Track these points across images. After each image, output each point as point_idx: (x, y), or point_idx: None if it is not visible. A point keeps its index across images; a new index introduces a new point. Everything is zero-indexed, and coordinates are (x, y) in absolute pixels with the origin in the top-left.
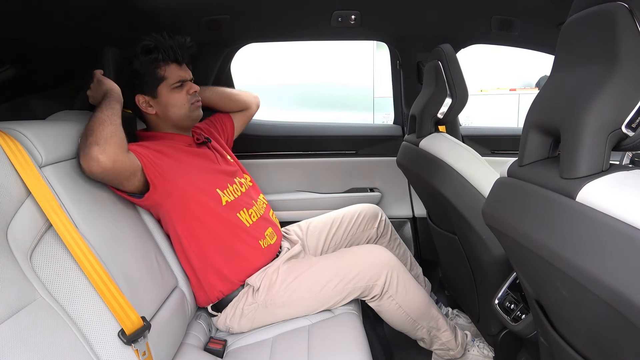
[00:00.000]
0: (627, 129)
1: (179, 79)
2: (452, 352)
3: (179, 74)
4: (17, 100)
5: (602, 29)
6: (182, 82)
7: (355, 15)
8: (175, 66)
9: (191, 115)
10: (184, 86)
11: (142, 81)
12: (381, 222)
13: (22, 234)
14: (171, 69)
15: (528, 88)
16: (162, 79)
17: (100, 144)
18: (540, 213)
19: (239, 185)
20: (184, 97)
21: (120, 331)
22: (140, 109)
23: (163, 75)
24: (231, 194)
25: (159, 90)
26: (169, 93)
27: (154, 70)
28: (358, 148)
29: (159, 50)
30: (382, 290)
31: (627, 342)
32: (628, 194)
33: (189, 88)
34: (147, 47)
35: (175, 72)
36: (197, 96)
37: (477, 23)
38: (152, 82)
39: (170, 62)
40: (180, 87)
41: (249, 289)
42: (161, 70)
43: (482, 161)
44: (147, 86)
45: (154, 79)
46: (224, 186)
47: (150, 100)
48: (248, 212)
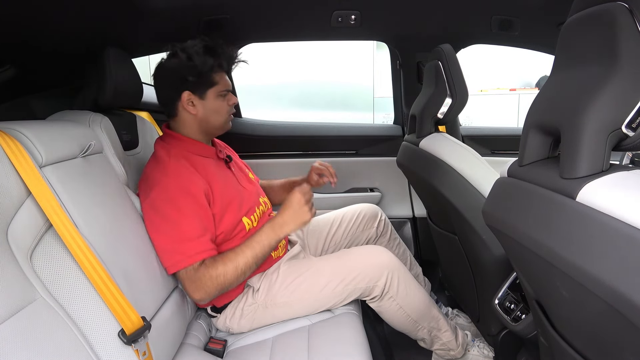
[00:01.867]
0: (627, 129)
1: (226, 88)
2: (452, 352)
3: (226, 84)
4: (17, 100)
5: (602, 29)
6: (227, 91)
7: (355, 15)
8: (224, 74)
9: (225, 125)
10: (226, 96)
11: (198, 80)
12: (381, 222)
13: (22, 234)
14: (223, 76)
15: (528, 88)
16: (214, 83)
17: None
18: (540, 213)
19: (263, 205)
20: (226, 107)
21: (121, 331)
22: (180, 106)
23: (216, 80)
24: (256, 218)
25: (208, 93)
26: (215, 99)
27: (211, 74)
28: (358, 148)
29: (220, 55)
30: (383, 291)
31: (627, 342)
32: (628, 194)
33: (229, 99)
34: (211, 50)
35: (225, 80)
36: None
37: (477, 23)
38: (205, 83)
39: (223, 70)
40: (224, 96)
41: (249, 290)
42: (216, 76)
43: (482, 161)
44: (199, 86)
45: (208, 82)
46: (252, 211)
47: (195, 100)
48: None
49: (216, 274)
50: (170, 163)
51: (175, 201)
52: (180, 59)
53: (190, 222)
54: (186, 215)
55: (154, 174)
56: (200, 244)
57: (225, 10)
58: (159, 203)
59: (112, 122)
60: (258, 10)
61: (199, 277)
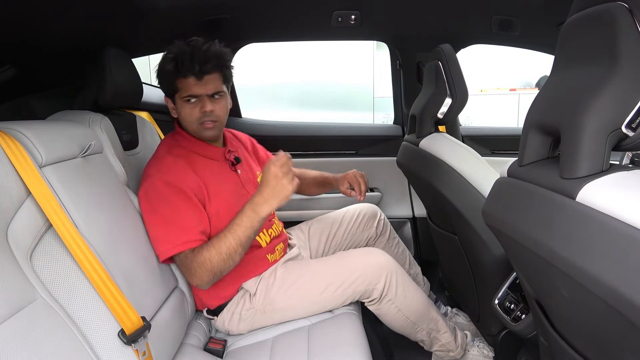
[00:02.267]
0: (627, 129)
1: (189, 94)
2: (452, 353)
3: (191, 89)
4: (17, 100)
5: (602, 29)
6: (193, 97)
7: (355, 15)
8: (192, 79)
9: (200, 134)
10: (198, 102)
11: (163, 86)
12: (380, 221)
13: (22, 234)
14: (186, 82)
15: (528, 88)
16: (176, 89)
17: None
18: (540, 213)
19: None
20: (194, 114)
21: (120, 331)
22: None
23: (177, 86)
24: None
25: (175, 98)
26: (181, 104)
27: (170, 80)
28: (358, 148)
29: (176, 62)
30: (382, 294)
31: (627, 342)
32: (628, 194)
33: (201, 105)
34: (167, 57)
35: (189, 86)
36: (212, 116)
37: (477, 23)
38: (169, 90)
39: (188, 75)
40: (193, 102)
41: (245, 294)
42: (176, 81)
43: (482, 161)
44: (167, 92)
45: (170, 88)
46: None
47: (172, 104)
48: (268, 232)
49: (202, 260)
50: (165, 159)
51: (165, 195)
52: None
53: (180, 214)
54: (176, 207)
55: (149, 168)
56: (189, 234)
57: (225, 10)
58: (151, 195)
59: (112, 122)
60: (258, 10)
61: (189, 264)
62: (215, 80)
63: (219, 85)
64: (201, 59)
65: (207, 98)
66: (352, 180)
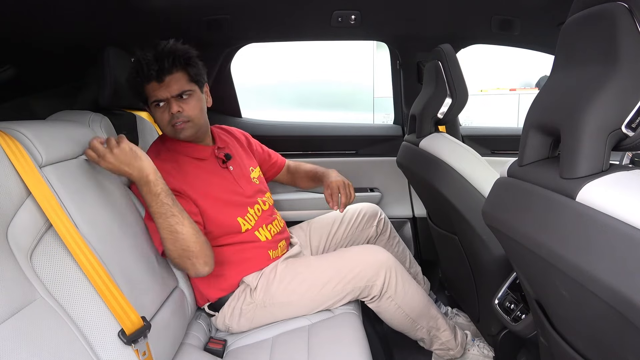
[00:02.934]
0: (627, 129)
1: (154, 99)
2: (452, 352)
3: (155, 94)
4: (17, 100)
5: (602, 29)
6: (159, 101)
7: (355, 15)
8: (154, 84)
9: (176, 136)
10: (167, 104)
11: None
12: (380, 221)
13: (22, 234)
14: (150, 87)
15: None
16: (144, 96)
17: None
18: (541, 213)
19: (261, 205)
20: (164, 118)
21: (121, 331)
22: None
23: (146, 93)
24: (252, 218)
25: (149, 105)
26: (154, 110)
27: (136, 90)
28: (358, 148)
29: (135, 72)
30: (381, 290)
31: (627, 342)
32: (628, 194)
33: (169, 107)
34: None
35: (153, 91)
36: (182, 117)
37: (477, 23)
38: (142, 100)
39: (150, 80)
40: (162, 106)
41: (246, 288)
42: (141, 89)
43: (482, 161)
44: (142, 102)
45: (141, 97)
46: (244, 212)
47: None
48: (267, 227)
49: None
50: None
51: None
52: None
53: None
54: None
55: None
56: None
57: (225, 10)
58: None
59: (112, 122)
60: (258, 10)
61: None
62: (179, 80)
63: (184, 85)
64: (156, 61)
65: (173, 100)
66: (333, 190)
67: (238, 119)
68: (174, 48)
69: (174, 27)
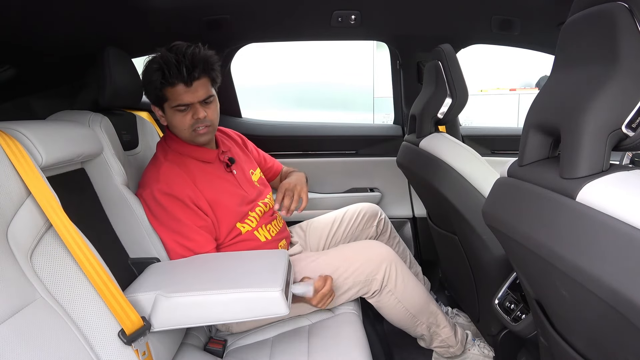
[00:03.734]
0: (627, 129)
1: (179, 103)
2: (452, 349)
3: (181, 98)
4: (17, 100)
5: (602, 29)
6: (184, 105)
7: (355, 15)
8: (181, 87)
9: (194, 140)
10: (189, 109)
11: (150, 96)
12: (380, 221)
13: (22, 234)
14: (175, 90)
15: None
16: (165, 99)
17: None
18: (540, 213)
19: (262, 207)
20: (186, 121)
21: (121, 331)
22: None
23: (165, 95)
24: (253, 220)
25: (164, 107)
26: (172, 113)
27: (157, 90)
28: (358, 148)
29: (162, 71)
30: (382, 284)
31: (627, 342)
32: (628, 194)
33: (193, 112)
34: (152, 66)
35: (179, 94)
36: (206, 122)
37: (477, 23)
38: (156, 99)
39: (176, 83)
40: (184, 110)
41: None
42: (164, 91)
43: (482, 161)
44: (154, 101)
45: (157, 97)
46: (244, 217)
47: (160, 112)
48: (266, 227)
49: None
50: (162, 167)
51: (165, 206)
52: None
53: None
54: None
55: (147, 177)
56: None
57: (225, 10)
58: (152, 207)
59: (112, 122)
60: (258, 10)
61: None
62: (205, 85)
63: (209, 90)
64: (188, 65)
65: (199, 105)
66: (280, 190)
67: (238, 119)
68: (205, 54)
69: (174, 27)
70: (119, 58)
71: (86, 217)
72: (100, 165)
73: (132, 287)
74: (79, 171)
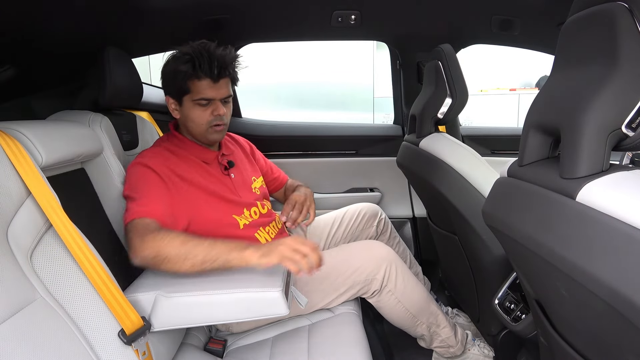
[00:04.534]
0: (627, 129)
1: (203, 97)
2: (452, 350)
3: (205, 92)
4: (17, 100)
5: (602, 29)
6: (207, 100)
7: (355, 15)
8: (207, 82)
9: (207, 136)
10: (210, 105)
11: (170, 86)
12: (381, 221)
13: (22, 234)
14: (200, 84)
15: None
16: (187, 91)
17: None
18: (540, 213)
19: (259, 208)
20: (205, 116)
21: (121, 331)
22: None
23: (189, 88)
24: (249, 217)
25: (183, 100)
26: (191, 107)
27: (182, 81)
28: (358, 148)
29: (193, 63)
30: (382, 284)
31: (628, 342)
32: (628, 194)
33: (214, 109)
34: (182, 57)
35: (203, 89)
36: (223, 119)
37: (477, 23)
38: (178, 90)
39: (203, 77)
40: (205, 105)
41: None
42: (189, 83)
43: (482, 161)
44: (175, 92)
45: (180, 89)
46: (240, 211)
47: (175, 105)
48: (265, 229)
49: (160, 236)
50: (153, 149)
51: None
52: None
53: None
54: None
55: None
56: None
57: (225, 10)
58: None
59: (112, 122)
60: (258, 10)
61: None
62: (228, 85)
63: (229, 90)
64: (220, 62)
65: (220, 102)
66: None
67: (238, 119)
68: (234, 56)
69: (174, 27)
70: (119, 58)
71: (86, 217)
72: (100, 165)
73: (132, 287)
74: (79, 171)
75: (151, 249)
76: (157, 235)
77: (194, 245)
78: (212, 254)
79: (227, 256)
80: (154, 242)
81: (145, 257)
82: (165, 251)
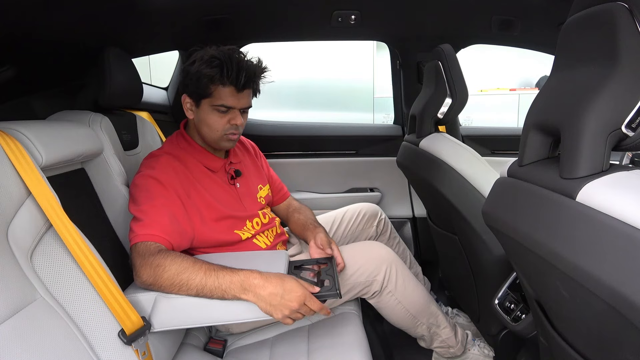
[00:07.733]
0: (627, 129)
1: (223, 104)
2: (452, 350)
3: (227, 100)
4: (17, 100)
5: (602, 29)
6: (226, 107)
7: (355, 15)
8: (231, 90)
9: (220, 143)
10: (228, 112)
11: (192, 86)
12: (381, 221)
13: (22, 234)
14: (224, 91)
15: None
16: (208, 94)
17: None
18: (540, 213)
19: (261, 218)
20: (221, 123)
21: (121, 331)
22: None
23: (211, 92)
24: (251, 229)
25: (202, 102)
26: (209, 111)
27: (206, 84)
28: (358, 148)
29: (221, 70)
30: (382, 285)
31: (627, 341)
32: (628, 194)
33: (232, 117)
34: (211, 60)
35: (226, 96)
36: (238, 129)
37: (477, 23)
38: (199, 92)
39: (228, 85)
40: (224, 112)
41: None
42: (212, 87)
43: (482, 161)
44: (194, 92)
45: (202, 91)
46: (242, 225)
47: (192, 106)
48: (265, 234)
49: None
50: (161, 159)
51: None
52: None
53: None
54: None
55: (143, 165)
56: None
57: (225, 10)
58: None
59: (112, 122)
60: (258, 10)
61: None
62: (249, 96)
63: (250, 101)
64: (248, 73)
65: (239, 112)
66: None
67: None
68: (262, 69)
69: (174, 27)
70: (119, 58)
71: (86, 217)
72: (100, 165)
73: (132, 287)
74: (79, 171)
75: (148, 276)
76: (155, 261)
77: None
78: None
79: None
80: (150, 270)
81: (144, 283)
82: (160, 282)
